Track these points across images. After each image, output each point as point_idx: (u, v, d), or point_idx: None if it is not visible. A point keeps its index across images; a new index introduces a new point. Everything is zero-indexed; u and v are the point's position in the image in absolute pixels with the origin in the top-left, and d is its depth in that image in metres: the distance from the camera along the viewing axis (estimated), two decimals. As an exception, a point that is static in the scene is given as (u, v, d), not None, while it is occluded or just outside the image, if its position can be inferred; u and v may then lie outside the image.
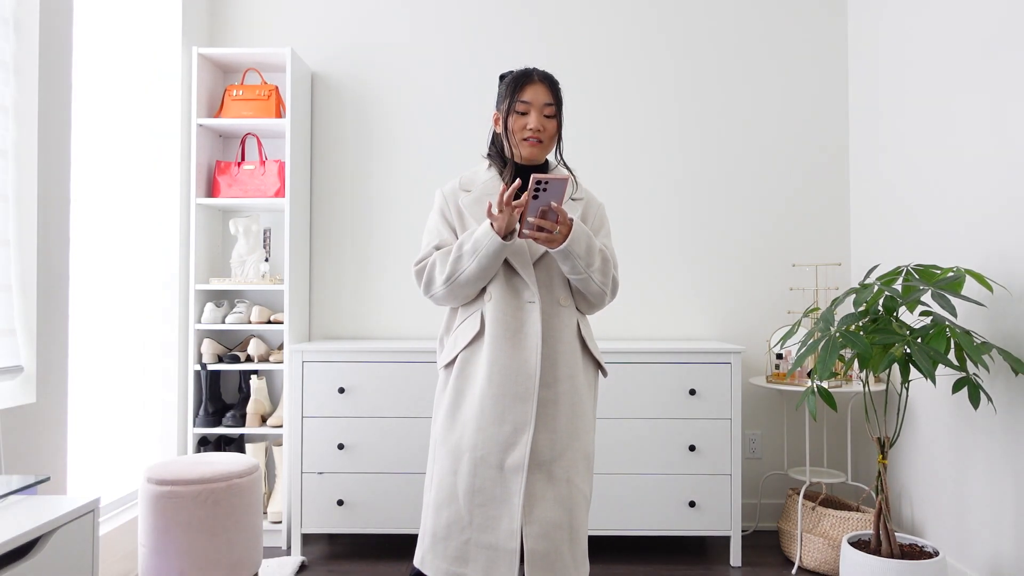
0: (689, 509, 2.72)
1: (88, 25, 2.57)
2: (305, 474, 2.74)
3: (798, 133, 3.24)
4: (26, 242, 2.00)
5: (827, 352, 2.09)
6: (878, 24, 2.99)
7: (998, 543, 2.24)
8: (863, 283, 2.22)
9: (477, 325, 1.73)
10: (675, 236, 3.24)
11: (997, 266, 2.26)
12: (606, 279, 1.75)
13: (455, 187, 1.83)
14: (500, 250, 1.65)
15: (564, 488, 1.68)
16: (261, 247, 3.07)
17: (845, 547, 2.25)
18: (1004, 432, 2.23)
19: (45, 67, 2.03)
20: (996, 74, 2.27)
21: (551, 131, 1.77)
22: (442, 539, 1.69)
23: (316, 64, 3.26)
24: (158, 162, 2.96)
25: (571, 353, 1.75)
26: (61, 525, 1.39)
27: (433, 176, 3.24)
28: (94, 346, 2.60)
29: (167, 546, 2.15)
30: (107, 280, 2.68)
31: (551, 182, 1.54)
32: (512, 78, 1.77)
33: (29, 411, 1.97)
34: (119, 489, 2.68)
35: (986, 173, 2.31)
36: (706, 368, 2.74)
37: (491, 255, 1.65)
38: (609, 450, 2.73)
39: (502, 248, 1.65)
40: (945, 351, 1.99)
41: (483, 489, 1.66)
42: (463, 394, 1.73)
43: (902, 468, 2.80)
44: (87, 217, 2.56)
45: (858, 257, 3.16)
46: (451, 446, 1.71)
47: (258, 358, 3.03)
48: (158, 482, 2.18)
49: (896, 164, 2.84)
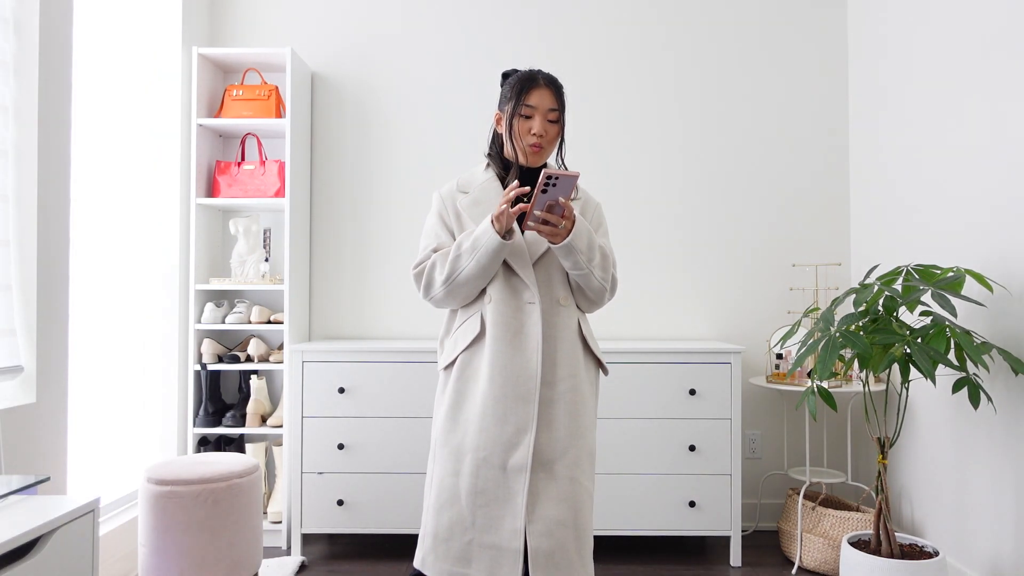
0: (689, 509, 2.72)
1: (88, 25, 2.56)
2: (305, 474, 2.74)
3: (798, 133, 3.24)
4: (26, 242, 1.99)
5: (827, 352, 2.08)
6: (878, 25, 2.98)
7: (998, 543, 2.24)
8: (863, 283, 2.22)
9: (477, 327, 1.73)
10: (675, 236, 3.24)
11: (997, 266, 2.26)
12: (606, 275, 1.76)
13: (452, 189, 1.83)
14: (500, 249, 1.65)
15: (567, 486, 1.68)
16: (261, 247, 3.07)
17: (845, 547, 2.24)
18: (1004, 432, 2.23)
19: (45, 67, 2.03)
20: (995, 74, 2.27)
21: (553, 135, 1.77)
22: (444, 540, 1.68)
23: (316, 64, 3.26)
24: (158, 162, 2.96)
25: (572, 352, 1.75)
26: (61, 525, 1.38)
27: (433, 175, 3.23)
28: (94, 346, 2.59)
29: (167, 546, 2.15)
30: (107, 280, 2.68)
31: (561, 178, 1.56)
32: (518, 80, 1.76)
33: (29, 411, 1.97)
34: (119, 489, 2.68)
35: (986, 173, 2.31)
36: (706, 368, 2.74)
37: (490, 253, 1.65)
38: (609, 450, 2.73)
39: (501, 247, 1.65)
40: (945, 351, 1.99)
41: (486, 490, 1.66)
42: (464, 395, 1.73)
43: (902, 468, 2.80)
44: (87, 217, 2.55)
45: (858, 257, 3.16)
46: (453, 447, 1.71)
47: (258, 358, 3.03)
48: (158, 482, 2.18)
49: (896, 164, 2.84)
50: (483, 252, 1.65)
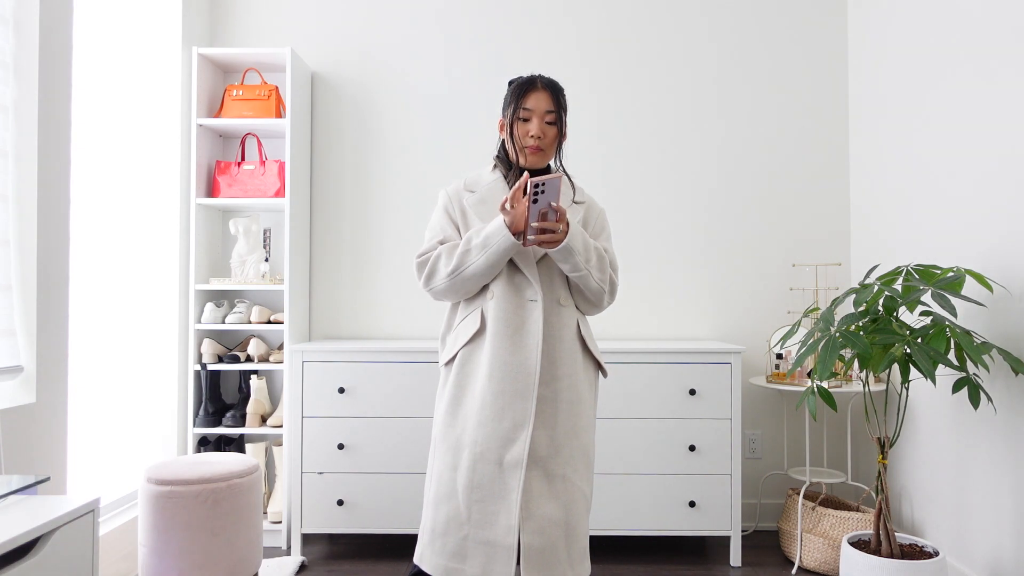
0: (689, 509, 2.72)
1: (88, 25, 2.56)
2: (305, 474, 2.73)
3: (798, 133, 3.24)
4: (26, 242, 1.99)
5: (827, 352, 2.08)
6: (878, 24, 2.98)
7: (998, 543, 2.24)
8: (863, 283, 2.22)
9: (478, 322, 1.75)
10: (675, 236, 3.24)
11: (997, 266, 2.26)
12: (604, 276, 1.78)
13: (459, 187, 1.87)
14: (511, 247, 1.68)
15: (560, 485, 1.70)
16: (261, 247, 3.07)
17: (845, 547, 2.24)
18: (1004, 432, 2.22)
19: (45, 67, 2.03)
20: (997, 74, 2.27)
21: (551, 137, 1.80)
22: (440, 535, 1.70)
23: (316, 64, 3.26)
24: (158, 162, 2.96)
25: (571, 352, 1.77)
26: (61, 525, 1.38)
27: (434, 175, 3.23)
28: (94, 346, 2.59)
29: (167, 546, 2.15)
30: (107, 280, 2.68)
31: (547, 182, 1.59)
32: (517, 84, 1.81)
33: (29, 411, 1.97)
34: (119, 489, 2.67)
35: (986, 173, 2.31)
36: (706, 368, 2.73)
37: (501, 251, 1.68)
38: (609, 450, 2.73)
39: (513, 246, 1.68)
40: (945, 351, 1.99)
41: (482, 485, 1.68)
42: (463, 390, 1.75)
43: (902, 468, 2.80)
44: (87, 217, 2.55)
45: (858, 257, 3.16)
46: (451, 442, 1.73)
47: (258, 358, 3.02)
48: (158, 482, 2.17)
49: (896, 164, 2.83)
50: (494, 250, 1.68)
